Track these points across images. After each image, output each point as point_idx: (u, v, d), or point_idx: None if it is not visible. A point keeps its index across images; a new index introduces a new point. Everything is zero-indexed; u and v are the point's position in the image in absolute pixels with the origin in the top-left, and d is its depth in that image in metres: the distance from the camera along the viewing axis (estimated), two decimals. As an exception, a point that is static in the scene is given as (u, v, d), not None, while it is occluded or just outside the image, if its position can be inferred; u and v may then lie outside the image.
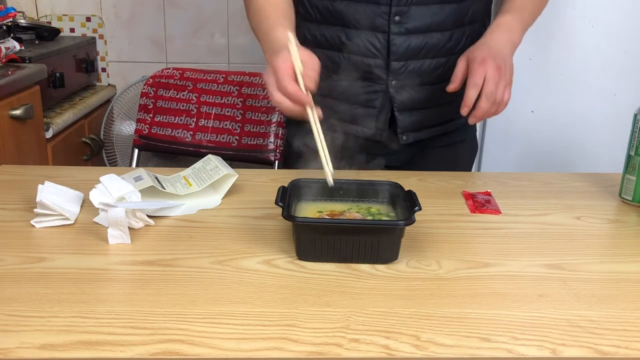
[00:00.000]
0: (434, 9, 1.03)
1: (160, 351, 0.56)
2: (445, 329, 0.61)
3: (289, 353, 0.57)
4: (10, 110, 1.46)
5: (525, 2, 1.06)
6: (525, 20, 1.05)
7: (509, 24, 1.02)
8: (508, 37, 1.00)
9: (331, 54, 1.07)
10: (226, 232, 0.83)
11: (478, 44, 0.99)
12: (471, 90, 0.91)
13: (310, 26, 1.09)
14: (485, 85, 0.91)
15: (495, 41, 0.98)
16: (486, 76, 0.91)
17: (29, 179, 1.00)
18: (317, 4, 1.07)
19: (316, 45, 1.07)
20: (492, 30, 1.02)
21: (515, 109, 1.66)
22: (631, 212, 0.94)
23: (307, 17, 1.09)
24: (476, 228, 0.87)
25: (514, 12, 1.04)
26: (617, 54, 1.61)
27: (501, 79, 0.92)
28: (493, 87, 0.91)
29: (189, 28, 2.22)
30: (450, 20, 1.06)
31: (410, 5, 1.02)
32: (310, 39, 1.09)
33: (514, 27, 1.02)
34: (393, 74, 1.06)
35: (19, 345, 0.56)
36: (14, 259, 0.74)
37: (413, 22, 1.03)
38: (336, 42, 1.06)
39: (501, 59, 0.94)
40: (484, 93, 0.91)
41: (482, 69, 0.91)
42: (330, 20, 1.06)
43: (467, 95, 0.92)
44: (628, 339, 0.60)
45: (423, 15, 1.03)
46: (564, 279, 0.72)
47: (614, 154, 1.55)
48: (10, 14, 1.63)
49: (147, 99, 1.83)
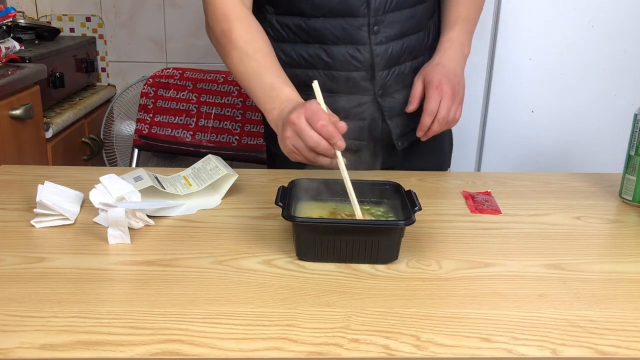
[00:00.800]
0: (407, 13, 1.04)
1: (160, 351, 0.56)
2: (445, 329, 0.61)
3: (289, 353, 0.57)
4: (10, 110, 1.46)
5: (469, 11, 1.09)
6: (472, 30, 1.11)
7: (460, 38, 1.07)
8: (460, 53, 1.07)
9: (312, 73, 1.05)
10: (226, 232, 0.83)
11: (433, 64, 1.04)
12: (427, 118, 1.00)
13: (284, 47, 1.06)
14: (439, 111, 0.99)
15: (449, 60, 1.05)
16: (441, 102, 0.99)
17: (29, 179, 1.00)
18: (288, 23, 1.04)
19: (294, 66, 1.05)
20: (444, 48, 1.07)
21: (515, 109, 1.66)
22: (631, 212, 0.94)
23: (278, 37, 1.06)
24: (476, 228, 0.87)
25: (461, 24, 1.08)
26: (617, 54, 1.61)
27: (454, 102, 1.00)
28: (446, 112, 0.99)
29: (189, 28, 2.22)
30: (423, 20, 1.07)
31: (387, 13, 1.02)
32: (286, 60, 1.05)
33: (464, 41, 1.08)
34: (379, 83, 1.06)
35: (19, 345, 0.56)
36: (14, 259, 0.74)
37: (391, 29, 1.03)
38: (316, 60, 1.04)
39: (455, 78, 1.02)
40: (437, 119, 0.99)
41: (438, 93, 0.99)
42: (305, 39, 1.04)
43: (422, 122, 1.00)
44: (628, 339, 0.60)
45: (399, 21, 1.03)
46: (564, 279, 0.72)
47: (614, 154, 1.55)
48: (10, 13, 1.62)
49: (147, 99, 1.83)
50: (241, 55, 0.97)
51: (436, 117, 0.99)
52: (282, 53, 1.06)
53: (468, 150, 1.71)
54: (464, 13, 1.09)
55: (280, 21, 1.05)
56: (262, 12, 1.06)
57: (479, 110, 1.68)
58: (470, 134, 1.69)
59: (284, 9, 1.04)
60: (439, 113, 0.99)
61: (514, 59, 1.63)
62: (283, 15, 1.04)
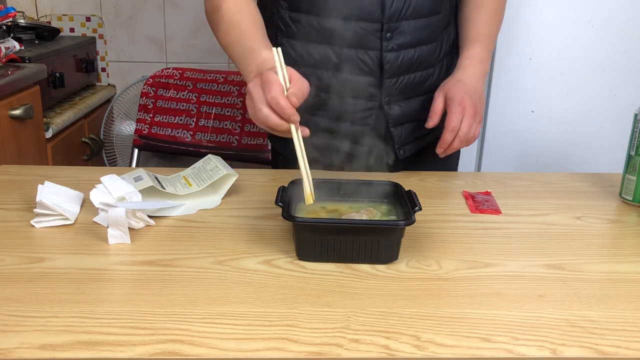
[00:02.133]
0: (422, 22, 1.03)
1: (160, 351, 0.56)
2: (446, 329, 0.61)
3: (289, 353, 0.57)
4: (10, 110, 1.46)
5: (491, 29, 1.08)
6: (492, 46, 1.10)
7: (480, 55, 1.06)
8: (481, 70, 1.06)
9: (320, 73, 1.04)
10: (226, 232, 0.83)
11: (454, 81, 1.02)
12: (448, 135, 0.98)
13: (294, 44, 1.04)
14: (461, 128, 0.97)
15: (470, 77, 1.03)
16: (463, 120, 0.97)
17: (29, 179, 1.00)
18: (301, 20, 1.02)
19: (302, 65, 1.03)
20: (465, 64, 1.05)
21: (515, 109, 1.66)
22: (631, 212, 0.94)
23: (289, 33, 1.04)
24: (476, 228, 0.87)
25: (482, 41, 1.07)
26: (617, 54, 1.61)
27: (475, 119, 0.99)
28: (467, 129, 0.98)
29: (189, 28, 2.22)
30: (436, 31, 1.06)
31: (401, 20, 1.01)
32: (295, 57, 1.04)
33: (485, 58, 1.07)
34: (386, 90, 1.05)
35: (19, 345, 0.56)
36: (14, 259, 0.74)
37: (404, 37, 1.02)
38: (325, 60, 1.03)
39: (476, 95, 1.01)
40: (458, 135, 0.98)
41: (460, 110, 0.97)
42: (316, 38, 1.02)
43: (444, 139, 0.98)
44: (628, 339, 0.60)
45: (413, 30, 1.02)
46: (564, 279, 0.72)
47: (614, 154, 1.55)
48: (10, 13, 1.62)
49: (147, 99, 1.83)
50: (227, 26, 0.97)
51: (457, 134, 0.97)
52: (291, 50, 1.05)
53: (468, 150, 1.71)
54: (485, 30, 1.08)
55: (292, 17, 1.04)
56: (275, 6, 1.05)
57: (479, 110, 1.68)
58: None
59: (298, 6, 1.03)
60: (460, 130, 0.97)
61: (514, 59, 1.63)
62: (296, 12, 1.03)
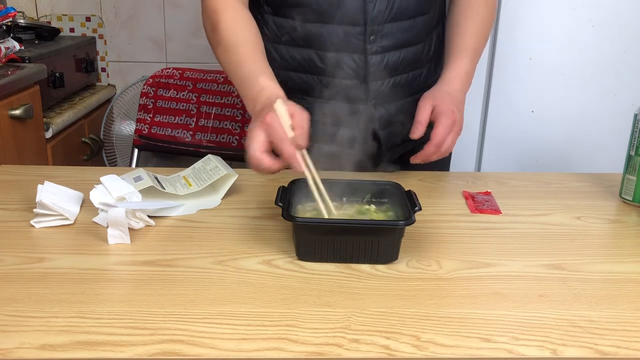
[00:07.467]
0: (407, 24, 1.02)
1: (160, 351, 0.56)
2: (446, 329, 0.61)
3: (289, 353, 0.57)
4: (10, 110, 1.46)
5: (478, 42, 1.07)
6: (478, 59, 1.09)
7: (467, 69, 1.05)
8: (467, 84, 1.05)
9: (305, 77, 1.04)
10: (226, 232, 0.83)
11: (443, 92, 1.00)
12: (432, 148, 0.95)
13: (279, 48, 1.04)
14: (444, 144, 0.95)
15: (457, 91, 1.02)
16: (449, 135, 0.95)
17: (29, 179, 1.00)
18: (284, 24, 1.02)
19: (288, 69, 1.04)
20: (452, 77, 1.04)
21: (515, 109, 1.66)
22: (631, 212, 0.94)
23: (273, 38, 1.04)
24: (476, 228, 0.87)
25: (470, 55, 1.06)
26: (617, 54, 1.61)
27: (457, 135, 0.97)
28: (450, 144, 0.96)
29: (189, 28, 2.22)
30: (422, 32, 1.06)
31: (384, 23, 1.00)
32: (280, 62, 1.04)
33: (471, 72, 1.06)
34: (372, 93, 1.04)
35: (19, 345, 0.56)
36: (14, 259, 0.74)
37: (388, 40, 1.01)
38: (309, 65, 1.03)
39: (460, 111, 1.00)
40: (440, 149, 0.95)
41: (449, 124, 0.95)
42: (299, 42, 1.02)
43: (426, 151, 0.95)
44: (628, 339, 0.60)
45: (397, 32, 1.02)
46: (564, 279, 0.72)
47: (614, 154, 1.55)
48: (10, 13, 1.62)
49: (147, 99, 1.83)
50: (226, 48, 0.95)
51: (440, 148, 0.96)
52: (277, 54, 1.05)
53: (468, 150, 1.71)
54: (473, 43, 1.06)
55: (276, 22, 1.04)
56: (259, 10, 1.05)
57: (479, 110, 1.68)
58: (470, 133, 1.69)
59: (282, 11, 1.03)
60: (443, 146, 0.95)
61: (514, 59, 1.63)
62: (279, 16, 1.03)
